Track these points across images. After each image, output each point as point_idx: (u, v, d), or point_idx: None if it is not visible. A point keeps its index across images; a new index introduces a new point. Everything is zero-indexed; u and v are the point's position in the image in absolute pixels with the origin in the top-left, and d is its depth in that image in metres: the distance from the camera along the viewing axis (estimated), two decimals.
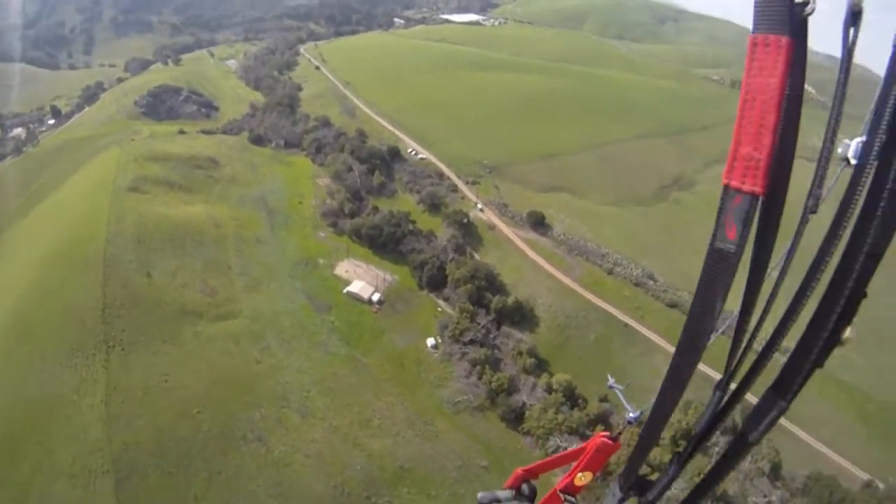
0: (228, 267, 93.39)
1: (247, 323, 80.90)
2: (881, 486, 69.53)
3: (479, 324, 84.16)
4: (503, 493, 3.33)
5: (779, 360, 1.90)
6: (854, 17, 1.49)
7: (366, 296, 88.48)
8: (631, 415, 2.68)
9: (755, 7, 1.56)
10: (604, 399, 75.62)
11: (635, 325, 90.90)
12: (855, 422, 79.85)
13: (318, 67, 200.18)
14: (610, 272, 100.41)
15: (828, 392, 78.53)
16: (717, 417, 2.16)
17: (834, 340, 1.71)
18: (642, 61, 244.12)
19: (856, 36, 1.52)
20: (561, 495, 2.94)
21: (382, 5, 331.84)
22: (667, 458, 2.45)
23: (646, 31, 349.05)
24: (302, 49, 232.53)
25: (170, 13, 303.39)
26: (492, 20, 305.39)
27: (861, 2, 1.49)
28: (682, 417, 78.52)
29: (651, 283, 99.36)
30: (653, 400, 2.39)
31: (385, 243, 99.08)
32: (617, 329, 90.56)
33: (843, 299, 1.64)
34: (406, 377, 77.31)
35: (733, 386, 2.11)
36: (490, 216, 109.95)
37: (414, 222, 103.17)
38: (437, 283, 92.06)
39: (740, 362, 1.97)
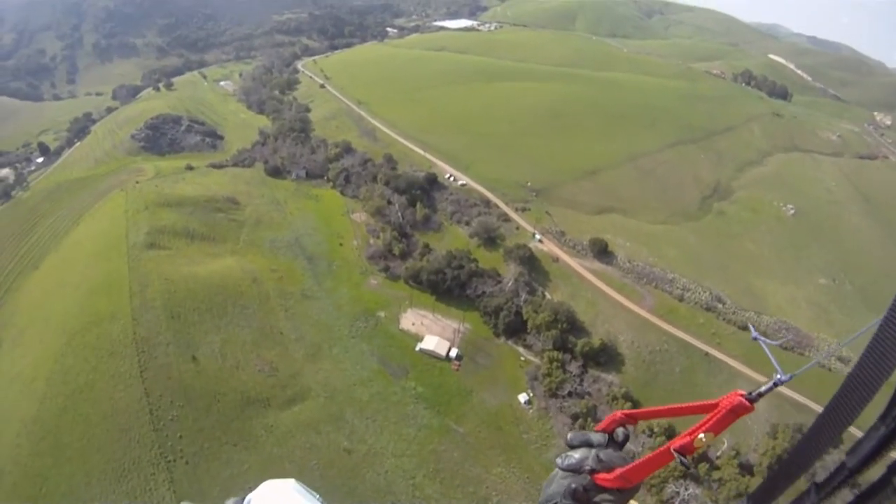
0: (280, 333, 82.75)
1: (321, 403, 71.60)
2: None
3: (570, 372, 78.69)
4: (596, 437, 2.99)
5: None
6: None
7: (443, 352, 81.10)
8: (780, 376, 2.29)
9: None
10: None
11: (714, 352, 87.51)
12: None
13: (322, 85, 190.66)
14: (681, 299, 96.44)
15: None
16: (876, 452, 1.93)
17: None
18: (646, 60, 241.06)
19: None
20: (674, 454, 2.50)
21: (372, 15, 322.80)
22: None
23: (634, 25, 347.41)
24: (300, 65, 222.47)
25: (154, 35, 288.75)
26: (486, 25, 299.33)
27: None
28: (772, 442, 75.57)
29: (720, 306, 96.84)
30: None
31: (449, 288, 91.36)
32: (698, 359, 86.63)
33: None
34: (508, 441, 70.90)
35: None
36: (550, 246, 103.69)
37: (476, 261, 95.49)
38: (514, 328, 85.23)
39: None
